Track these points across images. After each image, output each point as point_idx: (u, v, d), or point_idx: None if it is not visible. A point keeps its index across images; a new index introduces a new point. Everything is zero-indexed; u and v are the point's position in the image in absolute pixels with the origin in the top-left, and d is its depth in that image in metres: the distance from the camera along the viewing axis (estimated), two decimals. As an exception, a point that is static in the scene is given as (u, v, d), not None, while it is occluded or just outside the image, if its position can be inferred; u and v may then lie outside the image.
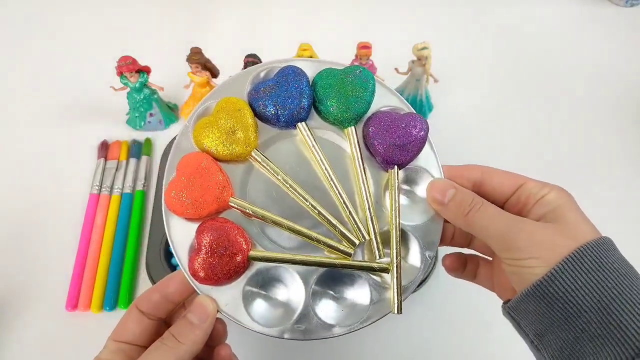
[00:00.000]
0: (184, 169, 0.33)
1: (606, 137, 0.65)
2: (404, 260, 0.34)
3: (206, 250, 0.31)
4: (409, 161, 0.35)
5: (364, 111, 0.35)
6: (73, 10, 0.78)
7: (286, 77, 0.35)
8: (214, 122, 0.34)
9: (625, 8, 0.79)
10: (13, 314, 0.51)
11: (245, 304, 0.32)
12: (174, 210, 0.33)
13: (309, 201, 0.34)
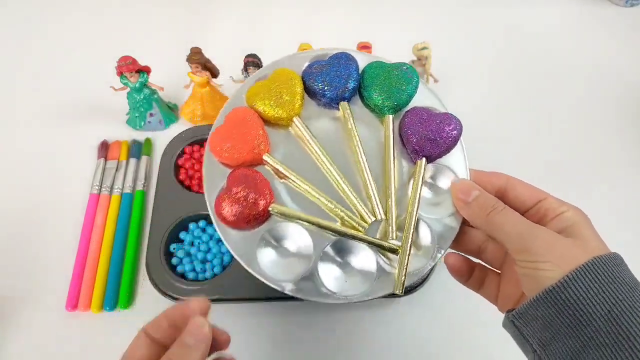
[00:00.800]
0: (232, 118, 0.37)
1: (606, 137, 0.65)
2: (415, 248, 0.35)
3: (234, 192, 0.34)
4: (438, 156, 0.37)
5: (404, 103, 0.38)
6: (73, 10, 0.78)
7: (338, 60, 0.38)
8: (267, 85, 0.38)
9: (625, 8, 0.79)
10: (13, 313, 0.51)
11: (257, 254, 0.35)
12: (214, 152, 0.36)
13: (335, 174, 0.36)
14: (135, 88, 0.59)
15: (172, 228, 0.53)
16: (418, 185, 0.36)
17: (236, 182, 0.35)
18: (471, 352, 0.50)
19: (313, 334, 0.51)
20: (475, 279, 0.37)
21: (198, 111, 0.62)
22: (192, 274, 0.52)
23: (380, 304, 0.52)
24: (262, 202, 0.34)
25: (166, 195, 0.56)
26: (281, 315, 0.51)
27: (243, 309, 0.52)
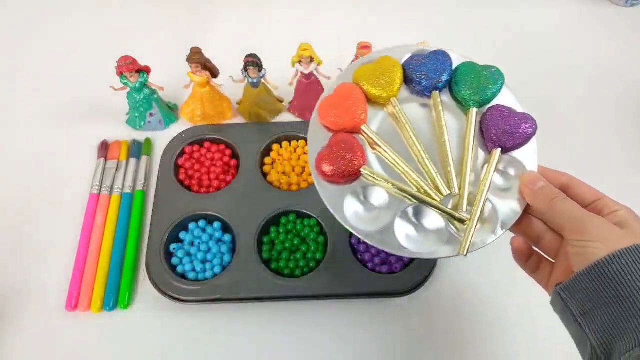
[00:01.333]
0: (341, 91, 0.43)
1: (606, 137, 0.65)
2: (480, 222, 0.40)
3: (335, 151, 0.40)
4: (512, 149, 0.42)
5: (488, 100, 0.43)
6: (73, 11, 0.78)
7: (436, 55, 0.45)
8: (372, 68, 0.44)
9: (625, 8, 0.79)
10: (13, 313, 0.51)
11: (344, 205, 0.40)
12: (322, 116, 0.42)
13: (420, 150, 0.41)
14: (135, 88, 0.59)
15: (172, 228, 0.53)
16: (491, 170, 0.41)
17: (337, 143, 0.41)
18: (471, 351, 0.50)
19: (313, 334, 0.51)
20: (532, 262, 0.41)
21: (198, 111, 0.62)
22: (192, 274, 0.52)
23: (380, 305, 0.52)
24: (356, 162, 0.40)
25: (166, 195, 0.56)
26: (281, 314, 0.51)
27: (243, 308, 0.52)
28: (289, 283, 0.50)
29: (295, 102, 0.64)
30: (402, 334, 0.51)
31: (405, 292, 0.51)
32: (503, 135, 0.41)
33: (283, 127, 0.62)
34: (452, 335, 0.51)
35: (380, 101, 0.44)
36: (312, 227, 0.54)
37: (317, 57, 0.57)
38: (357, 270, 0.51)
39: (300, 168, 0.59)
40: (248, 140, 0.60)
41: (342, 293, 0.50)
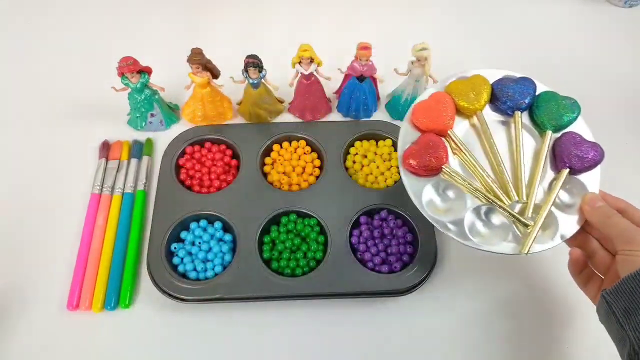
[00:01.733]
0: (435, 97, 0.51)
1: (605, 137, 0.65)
2: (542, 229, 0.46)
3: (422, 145, 0.48)
4: (579, 171, 0.48)
5: (563, 126, 0.50)
6: (74, 11, 0.78)
7: (523, 81, 0.52)
8: (464, 83, 0.51)
9: (624, 9, 0.79)
10: (15, 313, 0.51)
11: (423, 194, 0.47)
12: (414, 117, 0.50)
13: (497, 158, 0.48)
14: (136, 89, 0.59)
15: (173, 228, 0.54)
16: (558, 186, 0.47)
17: (425, 142, 0.48)
18: (471, 351, 0.50)
19: (313, 333, 0.51)
20: (584, 275, 0.45)
21: (199, 112, 0.62)
22: (193, 273, 0.52)
23: (380, 304, 0.52)
24: (439, 160, 0.47)
25: (167, 195, 0.56)
26: (282, 314, 0.52)
27: (244, 308, 0.52)
28: (290, 282, 0.51)
29: (295, 103, 0.64)
30: (402, 333, 0.51)
31: (405, 292, 0.51)
32: (573, 158, 0.47)
33: (283, 127, 0.62)
34: (452, 334, 0.51)
35: (466, 112, 0.51)
36: (313, 227, 0.54)
37: (317, 57, 0.57)
38: (357, 269, 0.51)
39: (301, 168, 0.59)
40: (248, 141, 0.61)
41: (342, 292, 0.50)
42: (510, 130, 0.51)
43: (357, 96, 0.62)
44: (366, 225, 0.55)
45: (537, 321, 0.52)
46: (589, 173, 0.48)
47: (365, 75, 0.60)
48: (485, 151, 0.50)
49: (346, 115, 0.65)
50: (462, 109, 0.51)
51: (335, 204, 0.55)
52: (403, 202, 0.55)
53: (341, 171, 0.58)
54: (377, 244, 0.53)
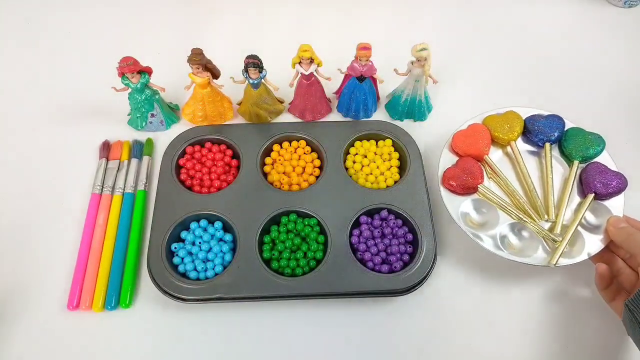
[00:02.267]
0: (473, 127, 0.58)
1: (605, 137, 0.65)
2: (569, 245, 0.52)
3: (459, 168, 0.55)
4: (604, 197, 0.54)
5: (590, 157, 0.56)
6: (74, 10, 0.79)
7: (553, 117, 0.59)
8: (499, 118, 0.59)
9: (624, 9, 0.79)
10: (15, 313, 0.51)
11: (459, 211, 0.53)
12: (455, 144, 0.57)
13: (529, 183, 0.55)
14: (136, 89, 0.59)
15: (174, 228, 0.54)
16: (584, 208, 0.53)
17: (464, 165, 0.55)
18: (471, 351, 0.50)
19: (313, 333, 0.51)
20: (610, 291, 0.49)
21: (199, 112, 0.62)
22: (194, 273, 0.52)
23: (380, 304, 0.52)
24: (476, 181, 0.54)
25: (167, 195, 0.56)
26: (282, 314, 0.52)
27: (244, 308, 0.52)
28: (290, 282, 0.51)
29: (296, 103, 0.64)
30: (402, 332, 0.51)
31: (405, 291, 0.51)
32: (598, 184, 0.53)
33: (283, 127, 0.62)
34: (452, 333, 0.51)
35: (501, 142, 0.58)
36: (313, 227, 0.54)
37: (317, 58, 0.58)
38: (357, 269, 0.51)
39: (301, 168, 0.59)
40: (249, 141, 0.61)
41: (342, 292, 0.51)
42: (541, 159, 0.58)
43: (357, 96, 0.62)
44: (366, 225, 0.55)
45: (537, 321, 0.52)
46: (614, 199, 0.54)
47: (365, 75, 0.60)
48: (518, 176, 0.57)
49: (346, 116, 0.65)
50: (497, 139, 0.58)
51: (335, 204, 0.55)
52: (403, 202, 0.55)
53: (341, 171, 0.58)
54: (377, 243, 0.53)
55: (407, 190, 0.56)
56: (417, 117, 0.65)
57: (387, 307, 0.52)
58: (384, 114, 0.67)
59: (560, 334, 0.51)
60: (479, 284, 0.54)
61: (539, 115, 0.59)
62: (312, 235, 0.54)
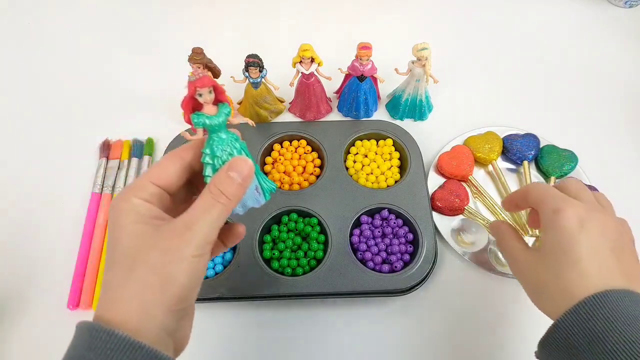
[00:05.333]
0: (457, 149, 0.61)
1: (604, 137, 0.65)
2: None
3: (447, 190, 0.57)
4: None
5: (565, 173, 0.59)
6: (74, 9, 0.79)
7: (529, 137, 0.62)
8: (480, 138, 0.62)
9: (624, 9, 0.79)
10: (15, 312, 0.51)
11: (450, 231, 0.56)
12: (440, 166, 0.60)
13: None
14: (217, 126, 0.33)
15: (174, 227, 0.53)
16: None
17: (450, 186, 0.58)
18: (470, 351, 0.50)
19: (312, 333, 0.51)
20: None
21: (199, 111, 0.62)
22: (194, 272, 0.52)
23: (381, 304, 0.52)
24: (462, 203, 0.57)
25: (168, 194, 0.56)
26: (282, 313, 0.52)
27: (244, 307, 0.52)
28: (290, 282, 0.51)
29: (296, 102, 0.64)
30: (403, 332, 0.51)
31: (406, 291, 0.51)
32: None
33: (284, 127, 0.62)
34: (453, 333, 0.51)
35: (483, 162, 0.61)
36: (313, 226, 0.54)
37: (317, 57, 0.57)
38: (358, 269, 0.51)
39: (301, 167, 0.59)
40: (249, 140, 0.59)
41: (343, 292, 0.50)
42: (520, 176, 0.61)
43: (357, 96, 0.62)
44: (367, 224, 0.55)
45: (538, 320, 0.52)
46: None
47: (365, 75, 0.60)
48: (501, 194, 0.59)
49: (347, 115, 0.65)
50: (479, 159, 0.60)
51: (336, 204, 0.55)
52: (404, 202, 0.55)
53: (342, 171, 0.58)
54: (377, 243, 0.53)
55: (407, 190, 0.56)
56: (417, 116, 0.65)
57: (387, 307, 0.52)
58: (385, 114, 0.67)
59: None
60: (479, 284, 0.54)
61: (515, 135, 0.62)
62: (312, 234, 0.54)
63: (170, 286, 0.29)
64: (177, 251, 0.29)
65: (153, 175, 0.32)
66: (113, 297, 0.29)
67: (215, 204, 0.30)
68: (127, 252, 0.29)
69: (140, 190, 0.31)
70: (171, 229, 0.30)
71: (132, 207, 0.30)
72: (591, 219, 0.36)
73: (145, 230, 0.30)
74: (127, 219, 0.30)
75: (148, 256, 0.29)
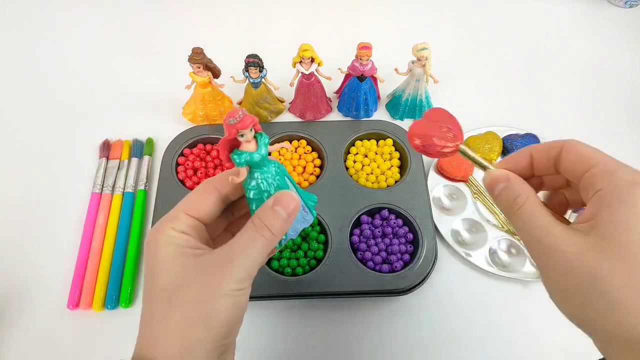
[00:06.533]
0: None
1: (604, 137, 0.65)
2: None
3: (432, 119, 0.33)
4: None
5: None
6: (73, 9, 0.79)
7: (528, 136, 0.61)
8: (480, 138, 0.62)
9: (624, 9, 0.79)
10: (15, 312, 0.51)
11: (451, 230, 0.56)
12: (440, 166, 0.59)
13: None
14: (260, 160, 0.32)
15: (174, 227, 0.53)
16: None
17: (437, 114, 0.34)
18: (470, 351, 0.50)
19: (313, 332, 0.51)
20: None
21: (200, 111, 0.62)
22: (194, 272, 0.52)
23: (381, 303, 0.52)
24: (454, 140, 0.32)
25: (168, 194, 0.56)
26: (282, 313, 0.52)
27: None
28: (290, 281, 0.51)
29: (296, 102, 0.64)
30: (403, 332, 0.51)
31: (406, 291, 0.51)
32: None
33: (284, 127, 0.62)
34: (453, 333, 0.51)
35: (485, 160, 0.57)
36: (313, 226, 0.54)
37: (317, 57, 0.57)
38: (358, 269, 0.51)
39: (301, 167, 0.59)
40: (249, 140, 0.60)
41: (343, 292, 0.50)
42: None
43: (357, 96, 0.62)
44: (367, 224, 0.55)
45: (539, 320, 0.52)
46: None
47: (365, 74, 0.60)
48: None
49: (347, 115, 0.65)
50: None
51: (336, 203, 0.55)
52: (404, 202, 0.55)
53: (342, 171, 0.58)
54: (377, 243, 0.53)
55: (407, 190, 0.56)
56: (417, 116, 0.65)
57: (387, 307, 0.52)
58: (385, 114, 0.67)
59: (562, 333, 0.51)
60: (479, 283, 0.54)
61: (515, 134, 0.62)
62: (312, 234, 0.54)
63: (213, 322, 0.28)
64: (217, 285, 0.28)
65: (188, 207, 0.31)
66: (153, 333, 0.28)
67: (258, 237, 0.29)
68: (167, 286, 0.28)
69: (176, 222, 0.30)
70: (211, 261, 0.29)
71: (170, 239, 0.29)
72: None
73: (184, 263, 0.29)
74: (165, 251, 0.29)
75: (188, 291, 0.28)
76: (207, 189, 0.32)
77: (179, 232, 0.30)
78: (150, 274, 0.30)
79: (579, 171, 0.27)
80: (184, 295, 0.28)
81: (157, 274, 0.29)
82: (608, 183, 0.25)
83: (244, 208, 0.35)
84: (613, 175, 0.25)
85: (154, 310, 0.29)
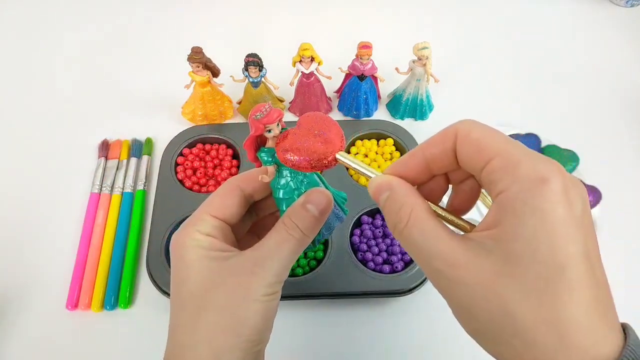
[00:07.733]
0: None
1: (604, 137, 0.65)
2: None
3: (303, 128, 0.28)
4: None
5: None
6: (72, 9, 0.78)
7: (529, 136, 0.60)
8: None
9: (625, 8, 0.79)
10: (13, 313, 0.51)
11: None
12: None
13: None
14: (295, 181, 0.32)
15: (173, 227, 0.53)
16: None
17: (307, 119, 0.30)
18: (471, 351, 0.50)
19: (313, 333, 0.50)
20: None
21: (199, 111, 0.62)
22: (193, 273, 0.51)
23: (382, 304, 0.52)
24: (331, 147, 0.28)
25: (167, 194, 0.56)
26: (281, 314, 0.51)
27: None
28: (290, 282, 0.50)
29: (296, 102, 0.64)
30: (404, 333, 0.51)
31: (407, 292, 0.51)
32: None
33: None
34: (454, 333, 0.51)
35: None
36: (313, 226, 0.54)
37: (317, 56, 0.57)
38: (359, 269, 0.51)
39: (301, 167, 0.59)
40: (249, 140, 0.60)
41: (343, 292, 0.50)
42: None
43: (357, 95, 0.61)
44: (367, 225, 0.54)
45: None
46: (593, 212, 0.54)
47: (366, 74, 0.59)
48: None
49: (347, 115, 0.65)
50: None
51: (336, 204, 0.55)
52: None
53: (342, 170, 0.58)
54: (378, 243, 0.53)
55: (408, 190, 0.56)
56: (418, 116, 0.65)
57: (388, 308, 0.52)
58: (385, 113, 0.66)
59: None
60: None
61: (517, 134, 0.62)
62: (312, 235, 0.53)
63: (243, 329, 0.27)
64: (247, 290, 0.27)
65: (212, 208, 0.30)
66: (182, 341, 0.28)
67: (289, 238, 0.28)
68: (195, 291, 0.28)
69: (201, 224, 0.29)
70: (240, 265, 0.28)
71: (196, 242, 0.28)
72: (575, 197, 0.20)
73: (212, 266, 0.28)
74: (192, 255, 0.28)
75: (217, 296, 0.27)
76: (230, 189, 0.31)
77: (204, 235, 0.29)
78: (177, 279, 0.29)
79: (477, 165, 0.22)
80: (212, 301, 0.27)
81: (184, 279, 0.28)
82: (511, 182, 0.20)
83: (269, 208, 0.34)
84: (516, 170, 0.20)
85: (182, 317, 0.28)
